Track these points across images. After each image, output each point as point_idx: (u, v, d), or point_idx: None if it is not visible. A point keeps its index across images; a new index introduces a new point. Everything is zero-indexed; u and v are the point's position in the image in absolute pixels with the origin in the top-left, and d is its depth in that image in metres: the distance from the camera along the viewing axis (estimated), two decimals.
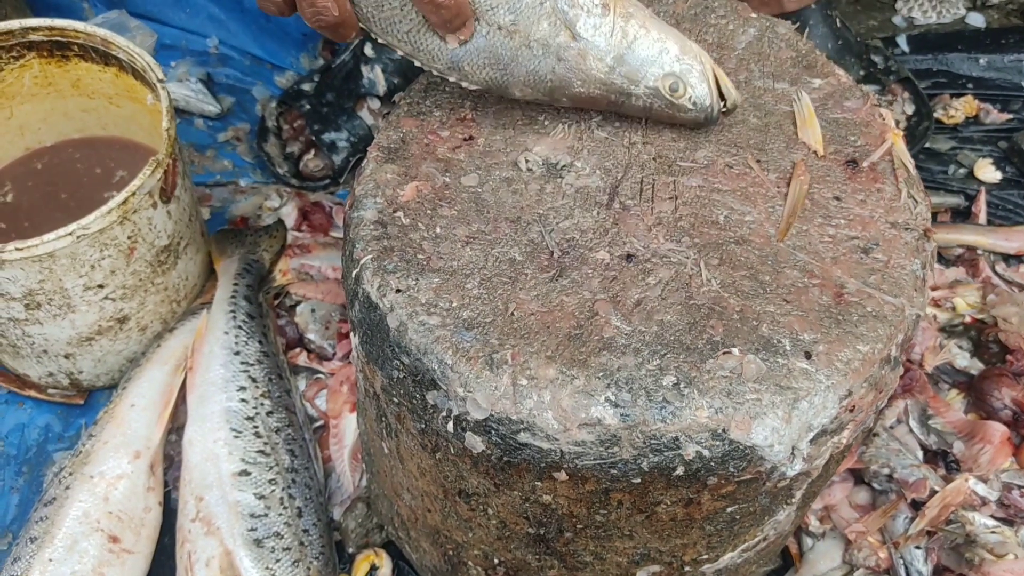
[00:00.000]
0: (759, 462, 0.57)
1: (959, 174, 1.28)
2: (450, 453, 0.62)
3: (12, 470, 1.01)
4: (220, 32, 1.41)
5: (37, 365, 1.01)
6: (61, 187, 1.09)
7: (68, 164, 1.12)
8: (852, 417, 0.60)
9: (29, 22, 1.00)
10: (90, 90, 1.08)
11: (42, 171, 1.11)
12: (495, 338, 0.59)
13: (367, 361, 0.65)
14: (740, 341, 0.59)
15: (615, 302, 0.61)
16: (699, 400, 0.56)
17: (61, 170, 1.11)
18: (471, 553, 0.75)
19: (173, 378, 0.99)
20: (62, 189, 1.09)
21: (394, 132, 0.73)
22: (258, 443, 0.92)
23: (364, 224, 0.66)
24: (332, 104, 1.27)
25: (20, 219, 1.06)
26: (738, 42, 0.79)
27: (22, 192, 1.09)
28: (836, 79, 0.76)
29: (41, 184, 1.10)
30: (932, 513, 0.90)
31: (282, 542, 0.86)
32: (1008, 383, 0.99)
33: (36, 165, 1.11)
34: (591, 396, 0.56)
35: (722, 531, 0.66)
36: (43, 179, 1.11)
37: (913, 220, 0.68)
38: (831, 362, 0.58)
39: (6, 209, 1.07)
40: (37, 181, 1.10)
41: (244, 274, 1.07)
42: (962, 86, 1.37)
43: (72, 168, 1.11)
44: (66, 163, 1.12)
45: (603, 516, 0.62)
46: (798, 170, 0.69)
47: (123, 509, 0.90)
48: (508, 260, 0.64)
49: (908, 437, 0.98)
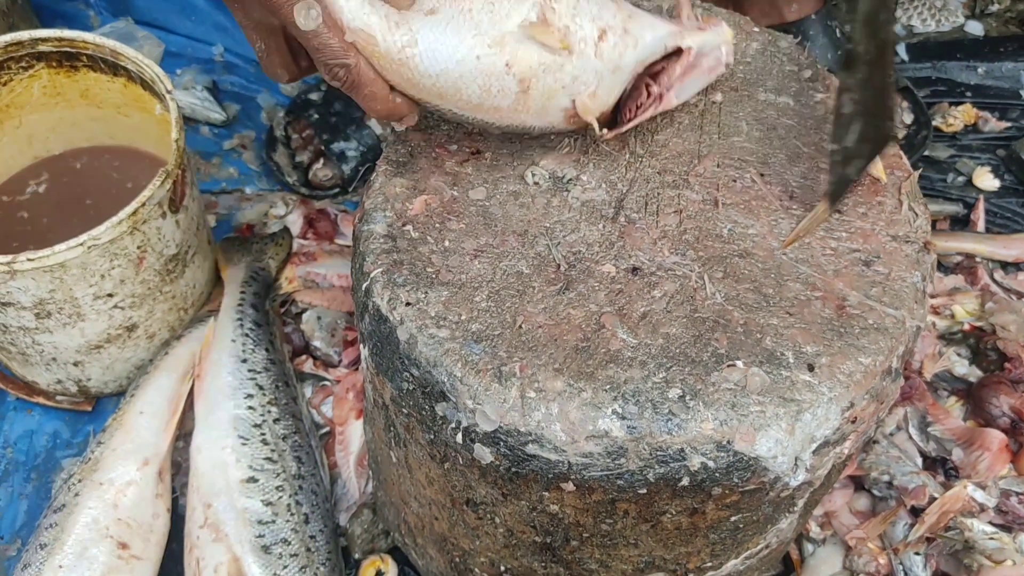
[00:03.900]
0: (763, 473, 0.58)
1: (958, 182, 1.29)
2: (459, 463, 0.64)
3: (21, 476, 1.02)
4: (225, 40, 1.42)
5: (46, 372, 1.02)
6: (69, 196, 1.10)
7: (76, 173, 1.13)
8: (854, 428, 0.61)
9: (39, 33, 1.01)
10: (98, 100, 1.09)
11: (50, 180, 1.12)
12: (503, 351, 0.60)
13: (377, 372, 0.67)
14: (744, 354, 0.60)
15: (621, 315, 0.62)
16: (704, 412, 0.57)
17: (69, 179, 1.12)
18: (478, 560, 0.76)
19: (181, 385, 1.00)
20: (70, 198, 1.10)
21: (402, 146, 0.74)
22: (265, 450, 0.93)
23: (374, 237, 0.67)
24: (340, 114, 1.28)
25: (28, 229, 1.07)
26: (742, 56, 0.80)
27: (31, 202, 1.10)
28: None
29: (49, 193, 1.11)
30: (931, 519, 0.92)
31: (289, 548, 0.87)
32: (1006, 390, 1.00)
33: (44, 174, 1.12)
34: (598, 408, 0.57)
35: (726, 539, 0.67)
36: (51, 188, 1.11)
37: (913, 233, 0.69)
38: (833, 374, 0.60)
39: (16, 221, 1.08)
40: (45, 190, 1.11)
41: (251, 282, 1.08)
42: (961, 94, 1.38)
43: (80, 177, 1.12)
44: (74, 172, 1.13)
45: (609, 525, 0.63)
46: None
47: (132, 516, 0.90)
48: (516, 273, 0.65)
49: (907, 444, 0.99)
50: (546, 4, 0.62)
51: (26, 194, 1.10)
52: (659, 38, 0.67)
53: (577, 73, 0.64)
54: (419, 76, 0.63)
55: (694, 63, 0.70)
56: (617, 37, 0.64)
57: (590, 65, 0.64)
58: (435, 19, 0.62)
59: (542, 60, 0.63)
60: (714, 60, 0.72)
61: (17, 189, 1.11)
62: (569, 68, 0.63)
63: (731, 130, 0.75)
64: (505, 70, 0.63)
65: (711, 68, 0.72)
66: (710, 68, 0.72)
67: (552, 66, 0.63)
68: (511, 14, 0.62)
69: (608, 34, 0.64)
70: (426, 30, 0.62)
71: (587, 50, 0.63)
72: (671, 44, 0.69)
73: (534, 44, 0.62)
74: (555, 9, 0.62)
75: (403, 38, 0.62)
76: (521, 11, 0.62)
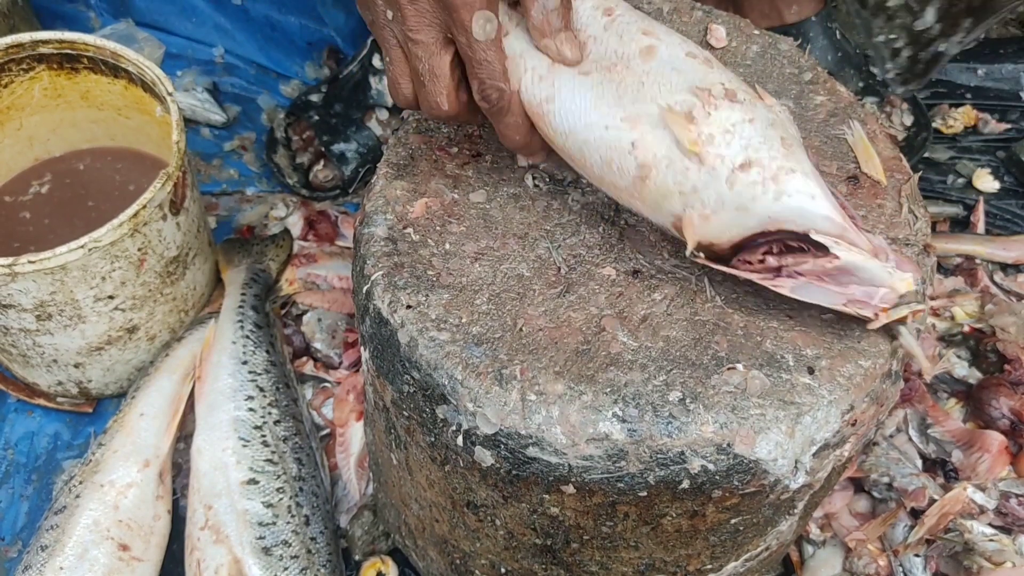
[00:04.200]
0: (763, 475, 0.58)
1: (958, 184, 1.29)
2: (459, 466, 0.64)
3: (22, 478, 1.02)
4: (226, 41, 1.42)
5: (47, 374, 1.02)
6: (72, 198, 1.10)
7: (79, 174, 1.13)
8: (854, 431, 0.61)
9: (39, 35, 1.01)
10: (99, 102, 1.09)
11: (53, 180, 1.12)
12: (504, 353, 0.60)
13: (377, 375, 0.67)
14: (744, 357, 0.60)
15: (622, 318, 0.62)
16: (704, 415, 0.57)
17: (72, 180, 1.12)
18: (478, 562, 0.76)
19: (181, 387, 1.00)
20: (72, 200, 1.10)
21: (403, 148, 0.74)
22: (266, 452, 0.93)
23: (375, 240, 0.67)
24: (340, 115, 1.28)
25: (30, 229, 1.07)
26: (742, 59, 0.81)
27: (33, 202, 1.10)
28: (838, 96, 0.78)
29: (51, 194, 1.11)
30: (931, 521, 0.92)
31: (290, 550, 0.88)
32: (1006, 392, 1.00)
33: (45, 176, 1.13)
34: (599, 411, 0.57)
35: (726, 542, 0.67)
36: (53, 189, 1.12)
37: (914, 235, 0.69)
38: (833, 377, 0.60)
39: (18, 221, 1.08)
40: (48, 191, 1.11)
41: (251, 284, 1.08)
42: (961, 96, 1.38)
43: (82, 179, 1.12)
44: (77, 173, 1.13)
45: (609, 528, 0.63)
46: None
47: (133, 517, 0.91)
48: (516, 276, 0.65)
49: (907, 446, 0.99)
50: (703, 106, 0.56)
51: (28, 194, 1.11)
52: (807, 212, 0.55)
53: (700, 186, 0.56)
54: (551, 131, 0.62)
55: (832, 274, 0.57)
56: (760, 177, 0.55)
57: (717, 186, 0.56)
58: (581, 80, 0.60)
59: (669, 154, 0.57)
60: (863, 294, 0.57)
61: (20, 189, 1.11)
62: (693, 176, 0.56)
63: None
64: (629, 148, 0.58)
65: (851, 300, 0.58)
66: (850, 299, 0.58)
67: (677, 164, 0.57)
68: (657, 97, 0.57)
69: (752, 168, 0.55)
70: (567, 89, 0.60)
71: (720, 169, 0.55)
72: (820, 232, 0.56)
73: (667, 134, 0.56)
74: (710, 115, 0.56)
75: (544, 92, 0.61)
76: (669, 98, 0.57)
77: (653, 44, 0.59)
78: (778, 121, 0.58)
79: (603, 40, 0.61)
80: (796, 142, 0.58)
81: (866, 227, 0.68)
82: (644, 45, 0.60)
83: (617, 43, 0.60)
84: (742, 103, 0.57)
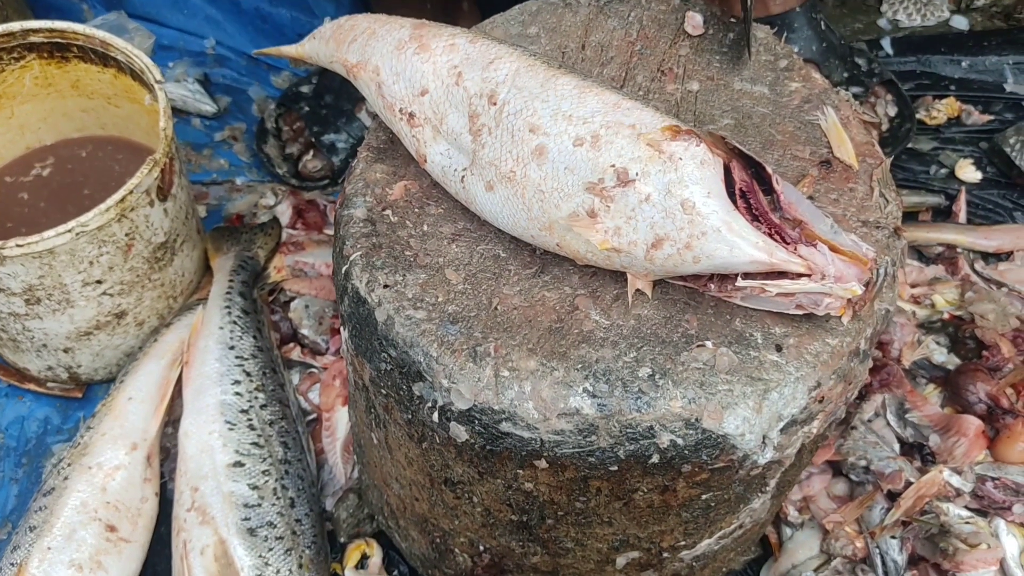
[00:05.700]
0: (731, 450, 0.60)
1: (940, 174, 1.30)
2: (436, 442, 0.65)
3: (12, 461, 1.03)
4: (217, 33, 1.43)
5: (37, 359, 1.03)
6: (69, 184, 1.11)
7: (79, 161, 1.14)
8: (822, 408, 0.62)
9: (30, 24, 1.03)
10: (89, 90, 1.10)
11: (53, 166, 1.13)
12: (479, 331, 0.61)
13: (356, 354, 0.68)
14: (714, 334, 0.62)
15: (594, 297, 0.64)
16: (673, 391, 0.59)
17: (71, 167, 1.13)
18: (457, 540, 0.77)
19: (169, 372, 1.01)
20: (69, 186, 1.11)
21: (383, 132, 0.75)
22: (252, 435, 0.94)
23: (354, 222, 0.68)
24: (331, 106, 1.29)
25: (26, 211, 1.08)
26: (719, 46, 0.82)
27: (31, 185, 1.11)
28: (813, 83, 0.79)
29: (50, 179, 1.12)
30: (907, 504, 0.93)
31: (275, 531, 0.89)
32: (983, 378, 1.01)
33: (35, 163, 1.14)
34: (570, 387, 0.59)
35: (698, 518, 0.68)
36: (53, 174, 1.13)
37: (884, 219, 0.70)
38: (801, 355, 0.61)
39: (15, 202, 1.09)
40: (49, 174, 1.13)
41: (239, 271, 1.10)
42: (944, 88, 1.40)
43: (80, 166, 1.13)
44: (76, 160, 1.14)
45: (583, 503, 0.65)
46: (806, 181, 0.71)
47: (120, 499, 0.92)
48: (492, 256, 0.66)
49: (885, 430, 1.01)
50: (601, 201, 0.59)
51: (30, 176, 1.12)
52: (731, 263, 0.57)
53: (627, 264, 0.61)
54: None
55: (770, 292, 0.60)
56: (675, 249, 0.58)
57: (642, 263, 0.60)
58: (491, 196, 0.64)
59: (591, 248, 0.61)
60: (809, 302, 0.59)
61: (22, 170, 1.12)
62: (618, 260, 0.61)
63: (707, 118, 0.76)
64: (557, 248, 0.63)
65: (799, 304, 0.60)
66: (798, 304, 0.60)
67: (600, 254, 0.61)
68: (560, 204, 0.61)
69: (665, 243, 0.58)
70: (481, 201, 0.66)
71: (637, 252, 0.59)
72: (749, 275, 0.59)
73: (580, 236, 0.60)
74: (609, 208, 0.59)
75: (463, 195, 0.67)
76: (569, 203, 0.60)
77: (542, 144, 0.61)
78: (676, 178, 0.57)
79: (497, 136, 0.64)
80: (699, 192, 0.57)
81: (836, 210, 0.70)
82: (534, 146, 0.62)
83: (510, 142, 0.63)
84: (635, 180, 0.58)
